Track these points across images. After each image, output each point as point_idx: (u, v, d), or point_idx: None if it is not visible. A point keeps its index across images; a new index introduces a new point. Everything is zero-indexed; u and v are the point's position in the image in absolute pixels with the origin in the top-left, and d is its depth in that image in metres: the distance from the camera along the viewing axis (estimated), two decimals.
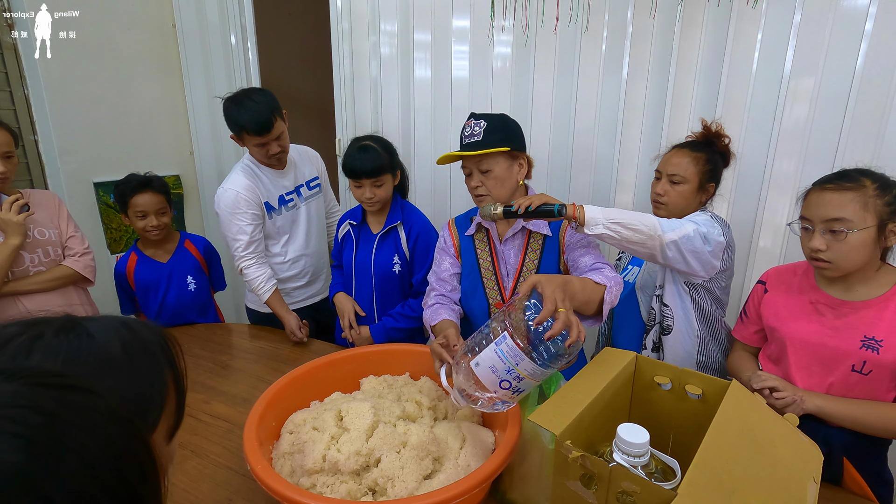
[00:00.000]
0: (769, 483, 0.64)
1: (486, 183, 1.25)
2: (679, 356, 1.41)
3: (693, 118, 1.71)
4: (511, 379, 0.88)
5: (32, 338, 0.43)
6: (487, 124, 1.23)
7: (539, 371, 0.87)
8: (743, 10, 1.56)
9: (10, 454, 0.28)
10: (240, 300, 2.90)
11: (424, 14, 2.04)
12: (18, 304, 1.56)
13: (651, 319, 1.45)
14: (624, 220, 1.15)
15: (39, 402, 0.32)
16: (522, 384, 0.89)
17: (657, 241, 1.19)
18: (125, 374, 0.47)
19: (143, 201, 1.78)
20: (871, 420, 1.04)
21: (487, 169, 1.24)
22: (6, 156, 1.51)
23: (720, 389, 0.83)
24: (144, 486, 0.36)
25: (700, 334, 1.40)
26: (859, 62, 1.44)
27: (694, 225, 1.24)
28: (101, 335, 0.47)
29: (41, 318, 0.47)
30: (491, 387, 0.90)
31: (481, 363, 0.90)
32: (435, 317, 1.33)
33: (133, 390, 0.47)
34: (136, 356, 0.48)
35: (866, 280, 1.08)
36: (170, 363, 0.51)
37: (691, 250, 1.23)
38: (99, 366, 0.45)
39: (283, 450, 1.02)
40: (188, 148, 2.82)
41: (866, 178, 1.04)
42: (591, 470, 0.67)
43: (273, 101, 1.65)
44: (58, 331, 0.45)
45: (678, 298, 1.39)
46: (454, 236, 1.44)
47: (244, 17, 2.45)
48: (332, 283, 1.85)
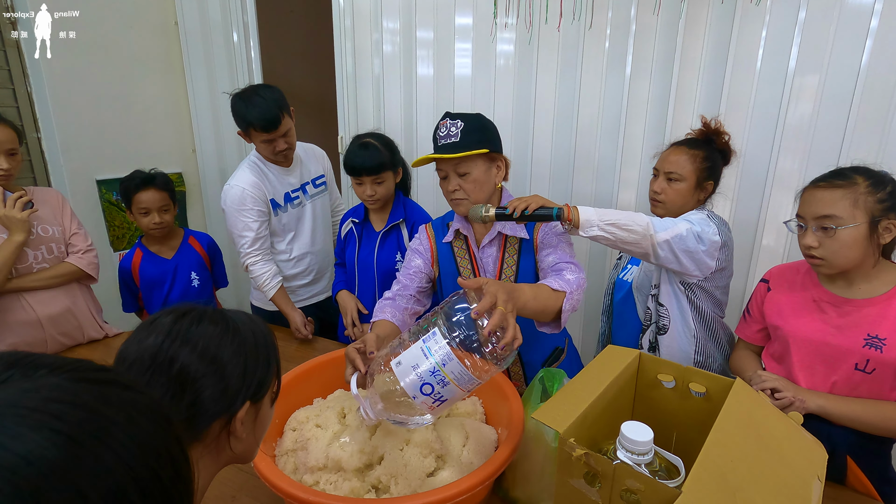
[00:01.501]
0: (773, 481, 0.64)
1: (464, 186, 1.19)
2: (675, 356, 1.40)
3: (696, 116, 1.70)
4: (434, 382, 0.80)
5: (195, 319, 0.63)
6: (465, 125, 1.16)
7: (466, 377, 0.79)
8: (747, 7, 1.56)
9: (49, 450, 0.29)
10: (242, 297, 2.91)
11: (427, 11, 2.04)
12: (22, 300, 1.56)
13: (647, 319, 1.45)
14: (619, 220, 1.14)
15: (81, 398, 0.32)
16: (446, 391, 0.81)
17: (649, 241, 1.18)
18: (254, 357, 0.66)
19: (147, 198, 1.78)
20: (874, 420, 1.04)
21: (465, 172, 1.17)
22: (10, 153, 1.51)
23: (724, 387, 0.82)
24: (178, 484, 0.36)
25: (697, 334, 1.39)
26: (864, 60, 1.44)
27: (688, 224, 1.23)
28: (243, 326, 0.66)
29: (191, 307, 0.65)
30: (411, 390, 0.81)
31: (403, 362, 0.82)
32: (378, 312, 1.24)
33: (258, 368, 0.66)
34: (262, 343, 0.68)
35: (868, 277, 1.08)
36: (274, 348, 0.71)
37: (684, 250, 1.22)
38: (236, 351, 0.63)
39: (286, 447, 1.02)
40: (190, 146, 2.82)
41: (860, 175, 1.04)
42: (594, 468, 0.67)
43: (281, 98, 1.66)
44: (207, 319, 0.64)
45: (674, 298, 1.38)
46: (431, 242, 1.35)
47: (246, 15, 2.45)
48: (335, 280, 1.85)
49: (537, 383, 1.00)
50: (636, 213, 1.19)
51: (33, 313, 1.58)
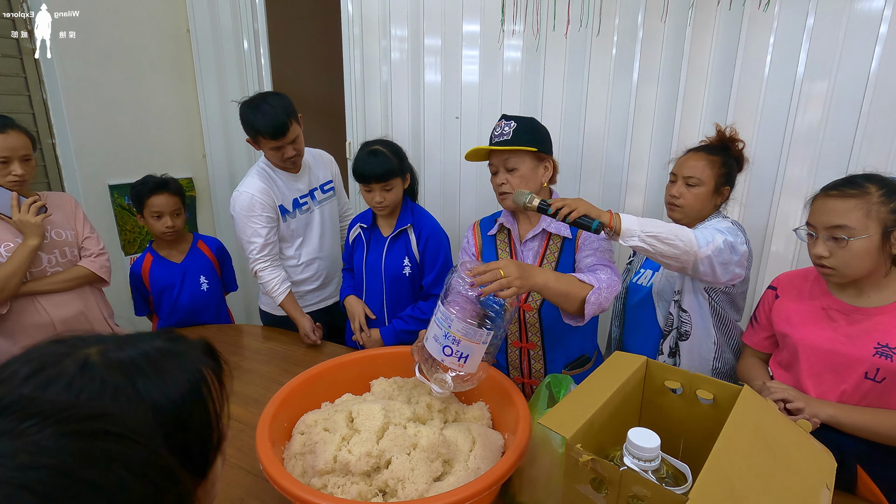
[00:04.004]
0: (781, 489, 0.63)
1: (511, 181, 1.27)
2: (696, 363, 1.40)
3: (704, 122, 1.70)
4: (450, 343, 0.95)
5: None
6: (517, 125, 1.26)
7: (470, 330, 0.93)
8: (755, 13, 1.55)
9: None
10: (250, 302, 2.93)
11: (435, 19, 2.06)
12: (36, 303, 1.58)
13: (668, 325, 1.44)
14: (661, 233, 1.12)
15: (63, 461, 0.29)
16: (461, 347, 0.96)
17: (692, 257, 1.16)
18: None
19: (160, 202, 1.81)
20: (885, 430, 1.02)
21: (513, 167, 1.27)
22: (25, 159, 1.54)
23: (732, 394, 0.82)
24: None
25: (717, 340, 1.39)
26: (873, 66, 1.43)
27: (722, 236, 1.22)
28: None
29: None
30: (438, 356, 0.98)
31: (428, 337, 1.01)
32: None
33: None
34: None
35: (879, 286, 1.07)
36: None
37: (721, 262, 1.20)
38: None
39: (294, 450, 1.03)
40: (200, 151, 2.86)
41: (872, 184, 1.03)
42: (601, 474, 0.67)
43: (289, 105, 1.67)
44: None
45: (696, 304, 1.38)
46: (477, 237, 1.45)
47: (257, 23, 2.48)
48: (343, 286, 1.87)
49: (544, 389, 1.00)
50: (680, 226, 1.17)
51: (47, 316, 1.60)
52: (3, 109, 2.03)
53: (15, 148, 1.50)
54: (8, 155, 1.49)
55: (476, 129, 2.08)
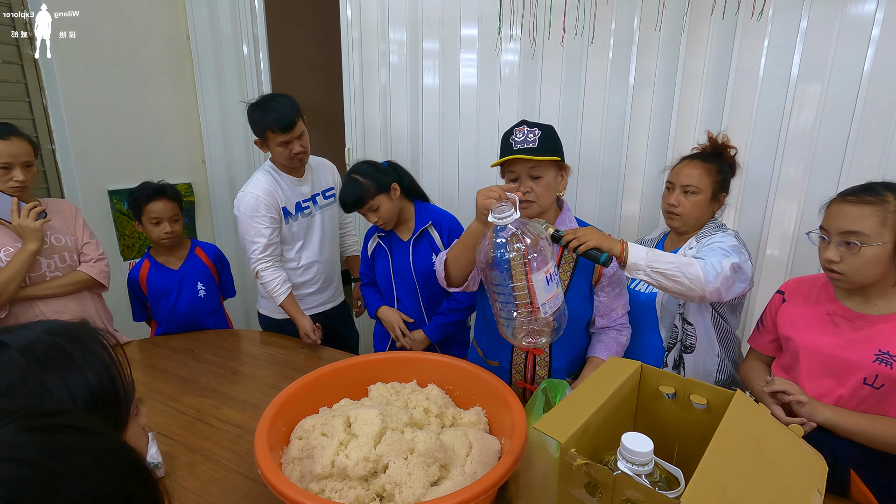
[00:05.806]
0: (773, 493, 0.64)
1: (536, 189, 1.25)
2: (700, 375, 1.41)
3: (699, 128, 1.71)
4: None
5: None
6: (542, 133, 1.24)
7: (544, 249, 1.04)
8: (748, 22, 1.57)
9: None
10: (249, 307, 2.93)
11: (433, 23, 2.07)
12: (35, 308, 1.59)
13: (673, 338, 1.45)
14: (667, 271, 1.14)
15: (26, 452, 0.30)
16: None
17: (698, 292, 1.17)
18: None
19: (158, 208, 1.82)
20: (881, 436, 1.02)
21: (539, 176, 1.25)
22: (26, 165, 1.55)
23: (725, 399, 0.83)
24: None
25: (720, 353, 1.41)
26: (866, 68, 1.44)
27: (729, 260, 1.22)
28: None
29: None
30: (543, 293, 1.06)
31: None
32: None
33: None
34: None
35: (885, 294, 1.07)
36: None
37: (728, 288, 1.21)
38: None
39: (292, 455, 1.04)
40: (200, 157, 2.87)
41: (891, 192, 1.02)
42: (595, 478, 0.68)
43: (295, 104, 1.74)
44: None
45: (700, 316, 1.39)
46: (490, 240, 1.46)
47: (257, 28, 2.50)
48: (370, 299, 1.86)
49: (540, 394, 1.01)
50: (688, 261, 1.18)
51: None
52: (3, 115, 2.04)
53: (17, 154, 1.52)
54: (10, 161, 1.51)
55: (474, 133, 2.09)
